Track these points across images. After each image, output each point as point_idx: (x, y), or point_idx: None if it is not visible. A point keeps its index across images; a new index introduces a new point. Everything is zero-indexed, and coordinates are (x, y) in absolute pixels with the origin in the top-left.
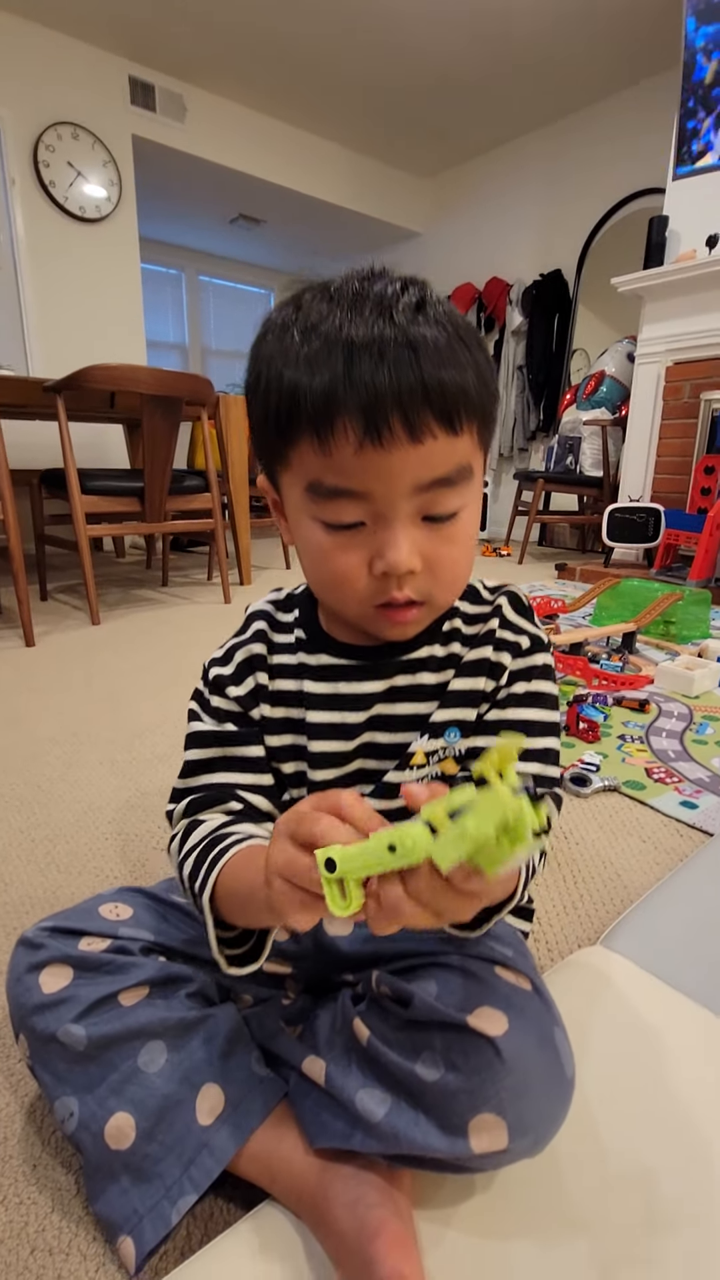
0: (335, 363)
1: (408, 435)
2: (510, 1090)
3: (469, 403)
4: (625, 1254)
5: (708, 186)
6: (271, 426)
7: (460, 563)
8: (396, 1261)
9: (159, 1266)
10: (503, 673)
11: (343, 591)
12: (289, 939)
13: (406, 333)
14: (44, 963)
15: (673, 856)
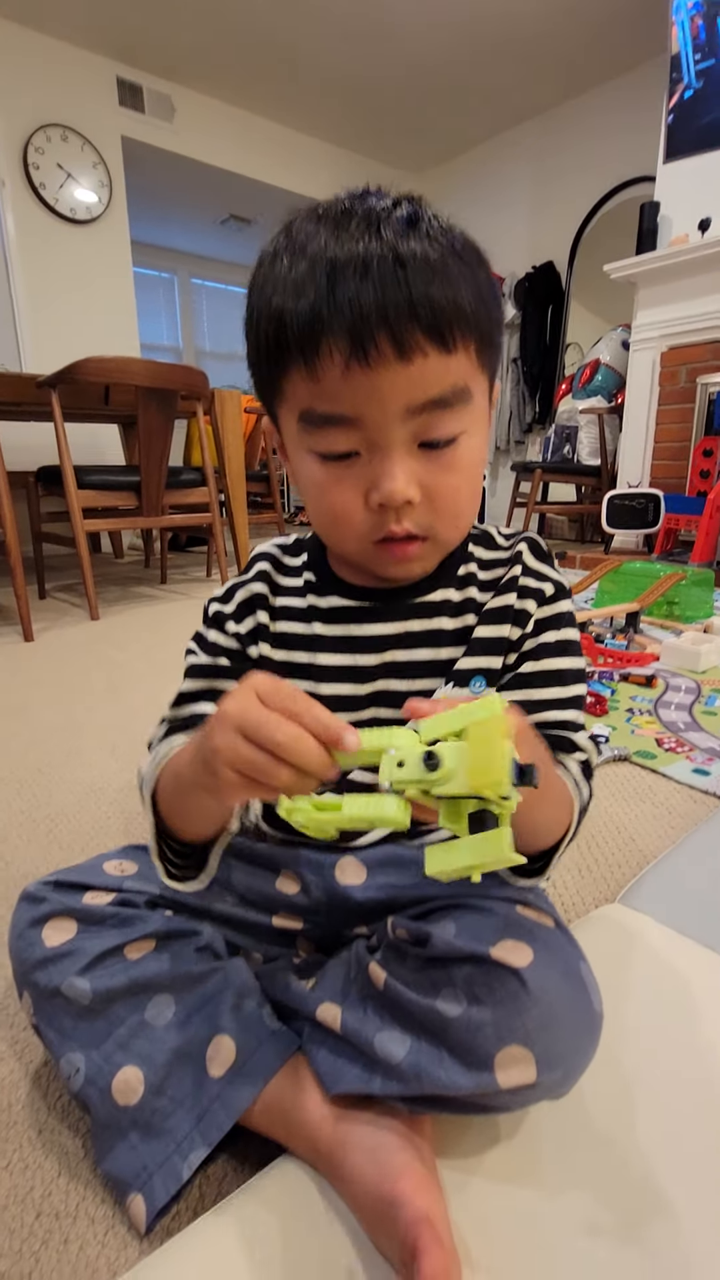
0: (319, 283)
1: (395, 353)
2: (537, 1021)
3: (462, 319)
4: (652, 1202)
5: (699, 170)
6: (264, 357)
7: (462, 492)
8: (423, 1202)
9: (170, 1228)
10: (528, 620)
11: (341, 528)
12: (299, 892)
13: (395, 248)
14: (46, 916)
15: (687, 821)
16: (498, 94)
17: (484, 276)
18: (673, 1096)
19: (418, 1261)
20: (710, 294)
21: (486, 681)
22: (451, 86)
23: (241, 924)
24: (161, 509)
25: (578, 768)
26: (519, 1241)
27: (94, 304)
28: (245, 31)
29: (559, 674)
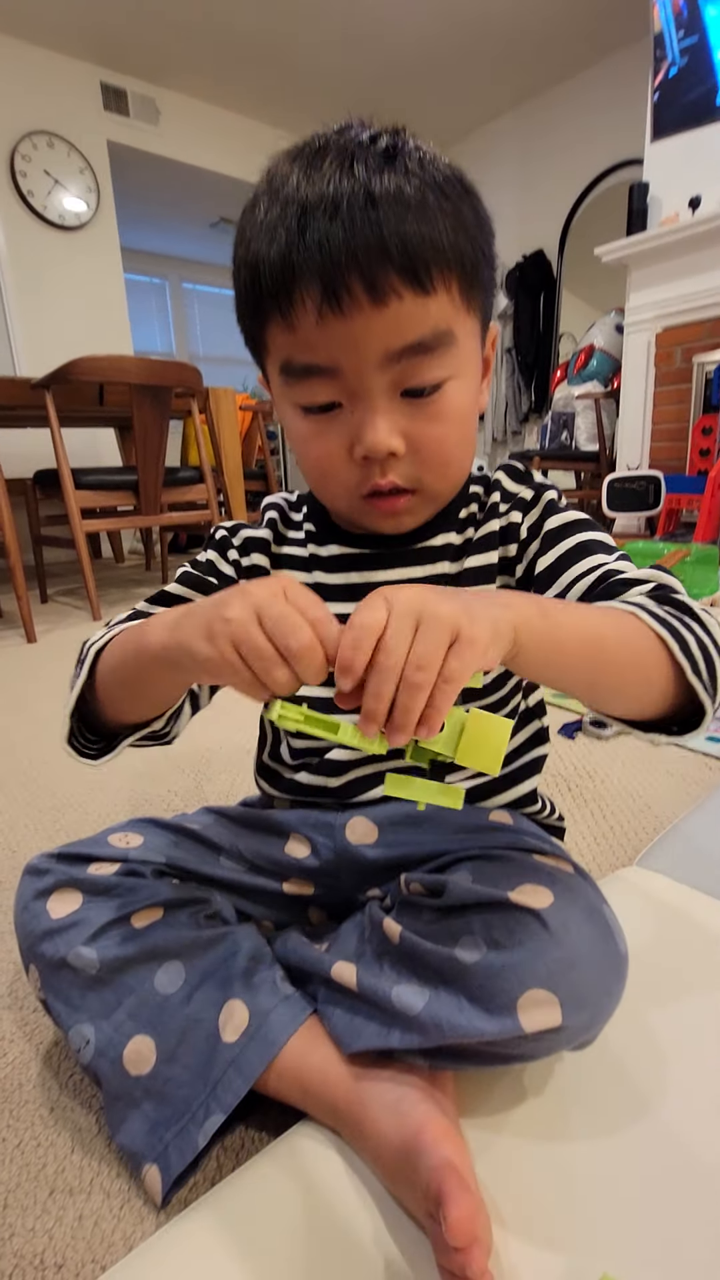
0: (289, 226)
1: (368, 297)
2: (560, 963)
3: (440, 256)
4: (682, 1158)
5: (687, 148)
6: (246, 310)
7: (449, 441)
8: (445, 1151)
9: (188, 1199)
10: (519, 530)
11: (328, 482)
12: (309, 854)
13: (367, 185)
14: (51, 888)
15: (701, 787)
16: (481, 86)
17: (469, 209)
18: (699, 1049)
19: (444, 1207)
20: (703, 272)
21: None
22: (434, 80)
23: (251, 891)
24: (160, 507)
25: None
26: (547, 1199)
27: (86, 311)
28: (228, 32)
29: (582, 546)
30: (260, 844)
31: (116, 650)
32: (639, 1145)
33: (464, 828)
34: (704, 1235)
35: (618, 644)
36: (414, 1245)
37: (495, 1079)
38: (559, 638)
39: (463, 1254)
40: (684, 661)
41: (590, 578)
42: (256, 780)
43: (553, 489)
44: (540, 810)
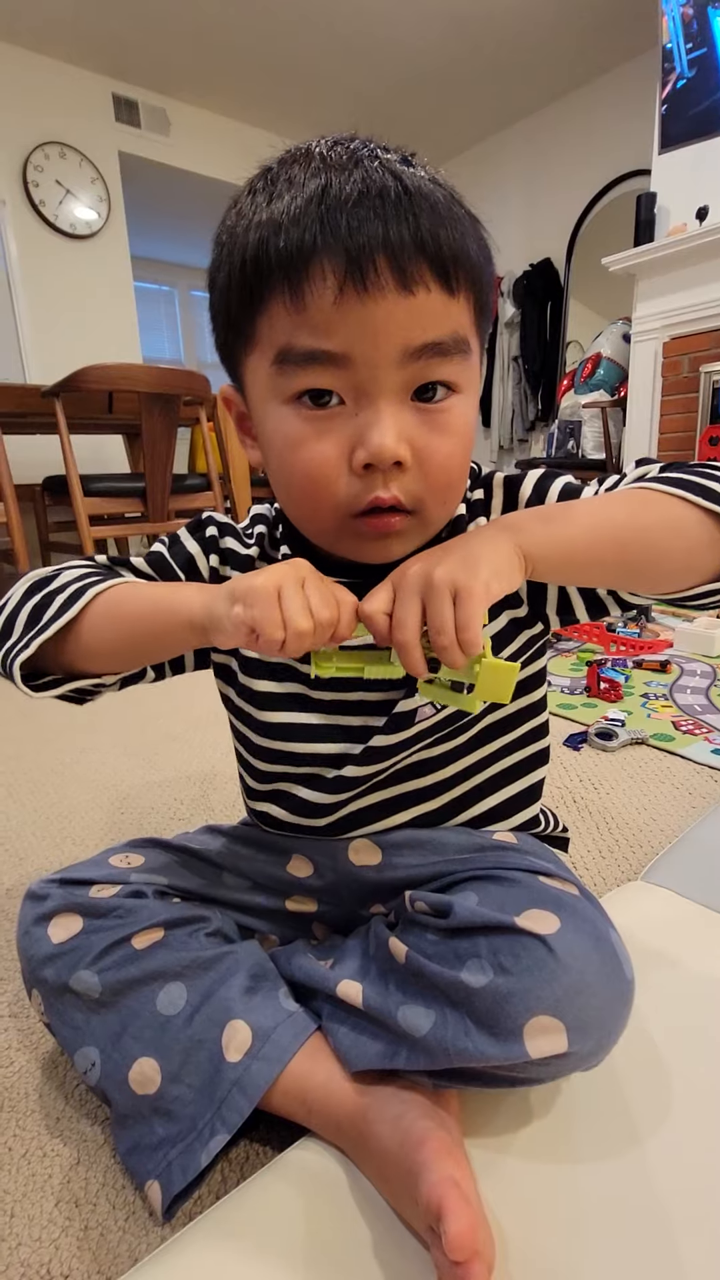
0: (310, 205)
1: (397, 281)
2: (567, 989)
3: (468, 262)
4: (688, 1180)
5: (695, 159)
6: (236, 296)
7: (455, 458)
8: (447, 1168)
9: (192, 1212)
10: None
11: (317, 497)
12: (311, 874)
13: (399, 175)
14: (51, 913)
15: (707, 801)
16: (490, 97)
17: (482, 235)
18: (705, 1068)
19: (444, 1222)
20: (711, 282)
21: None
22: (444, 92)
23: (254, 909)
24: (167, 514)
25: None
26: (551, 1220)
27: (95, 319)
28: (238, 45)
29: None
30: (262, 863)
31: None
32: (645, 1167)
33: (468, 848)
34: (710, 1258)
35: (633, 517)
36: (417, 1261)
37: (501, 1099)
38: (571, 537)
39: (463, 1268)
40: (713, 505)
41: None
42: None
43: (494, 474)
44: (543, 826)
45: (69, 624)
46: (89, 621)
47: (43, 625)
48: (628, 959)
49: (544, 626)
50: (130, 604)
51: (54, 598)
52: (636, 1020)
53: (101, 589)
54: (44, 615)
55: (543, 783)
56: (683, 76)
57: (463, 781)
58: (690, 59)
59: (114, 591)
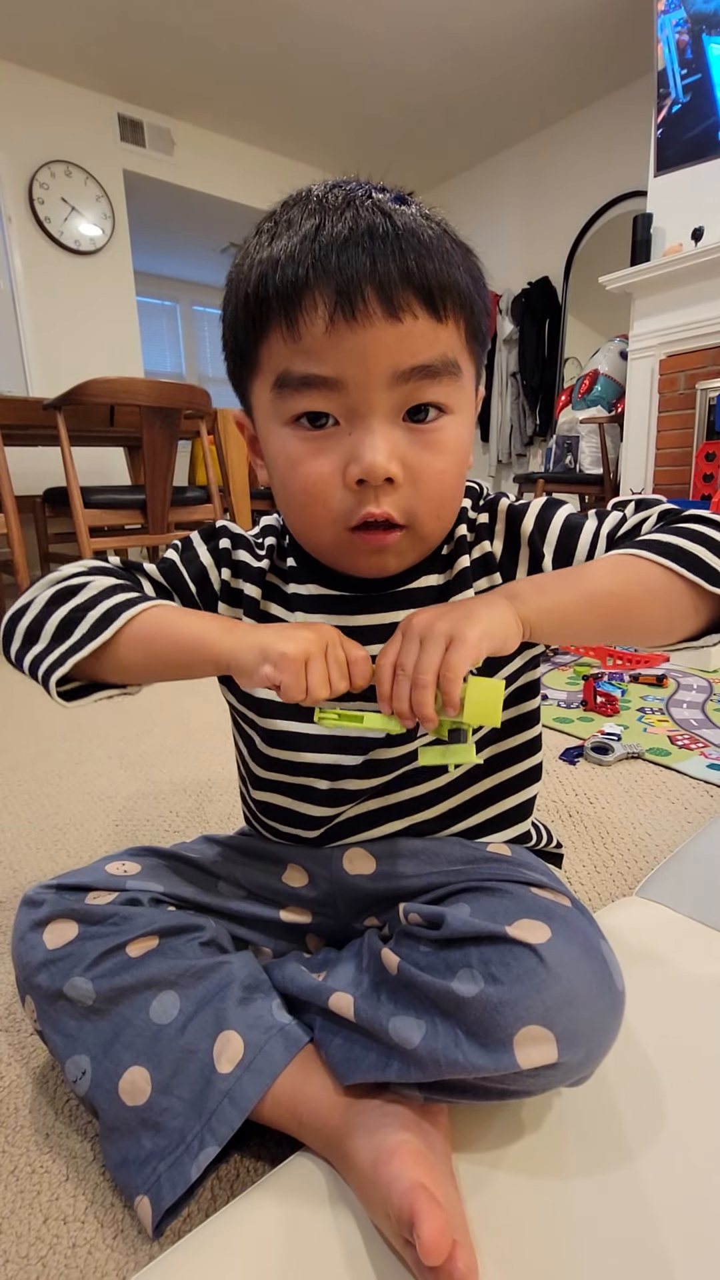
0: (306, 242)
1: (385, 310)
2: (557, 1000)
3: (456, 291)
4: (681, 1196)
5: (690, 181)
6: (242, 326)
7: (447, 476)
8: (415, 1174)
9: (181, 1230)
10: (494, 559)
11: (315, 509)
12: (306, 884)
13: (390, 216)
14: (47, 919)
15: (703, 815)
16: (489, 119)
17: (475, 264)
18: (698, 1083)
19: (416, 1227)
20: (706, 301)
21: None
22: (444, 114)
23: (249, 919)
24: (167, 527)
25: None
26: (542, 1237)
27: (98, 333)
28: (241, 67)
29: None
30: (258, 872)
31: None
32: (637, 1183)
33: (461, 859)
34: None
35: (622, 588)
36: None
37: (492, 1114)
38: (564, 607)
39: (440, 1272)
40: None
41: (599, 551)
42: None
43: (502, 495)
44: (536, 840)
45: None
46: (121, 644)
47: (76, 643)
48: (619, 970)
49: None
50: (162, 635)
51: (85, 614)
52: (629, 1035)
53: (134, 615)
54: (75, 631)
55: (534, 800)
56: (678, 101)
57: (457, 793)
58: (685, 84)
59: (146, 618)
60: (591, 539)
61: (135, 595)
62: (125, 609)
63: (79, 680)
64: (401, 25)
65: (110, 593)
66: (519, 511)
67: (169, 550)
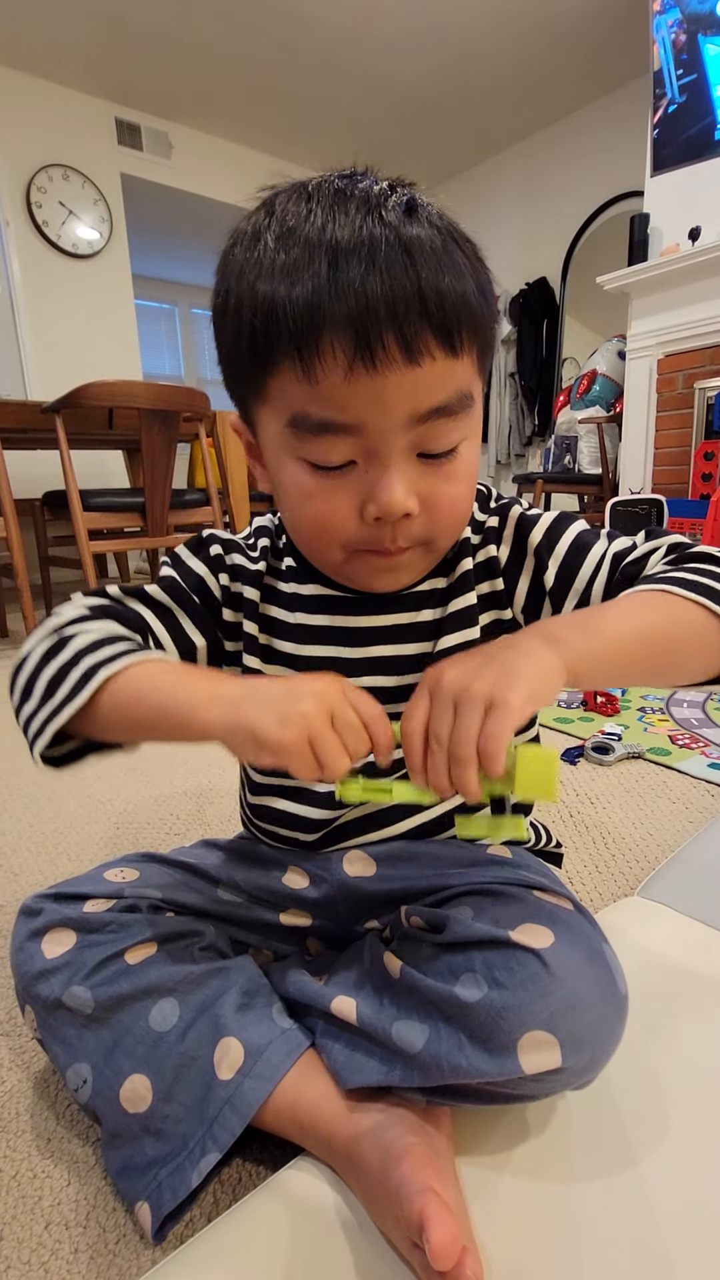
0: (319, 268)
1: (403, 355)
2: (561, 1004)
3: (471, 317)
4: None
5: (687, 181)
6: (246, 352)
7: (462, 500)
8: (425, 1178)
9: (184, 1235)
10: (498, 563)
11: (326, 539)
12: (307, 886)
13: (399, 231)
14: (45, 928)
15: (704, 815)
16: (486, 120)
17: (482, 270)
18: (701, 1085)
19: (426, 1231)
20: (703, 301)
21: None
22: (441, 116)
23: (249, 923)
24: (166, 529)
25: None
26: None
27: (97, 337)
28: (239, 71)
29: (575, 548)
30: (258, 875)
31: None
32: (640, 1186)
33: (462, 861)
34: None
35: (667, 627)
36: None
37: (496, 1117)
38: (612, 649)
39: (449, 1277)
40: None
41: (603, 573)
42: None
43: (516, 502)
44: (535, 840)
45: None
46: (101, 708)
47: (57, 706)
48: (621, 974)
49: None
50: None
51: (68, 672)
52: (631, 1037)
53: (112, 672)
54: (57, 692)
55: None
56: (674, 101)
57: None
58: (681, 84)
59: (125, 679)
60: (598, 561)
61: (117, 650)
62: (103, 667)
63: (75, 738)
64: (398, 27)
65: (94, 647)
66: (530, 521)
67: (163, 568)
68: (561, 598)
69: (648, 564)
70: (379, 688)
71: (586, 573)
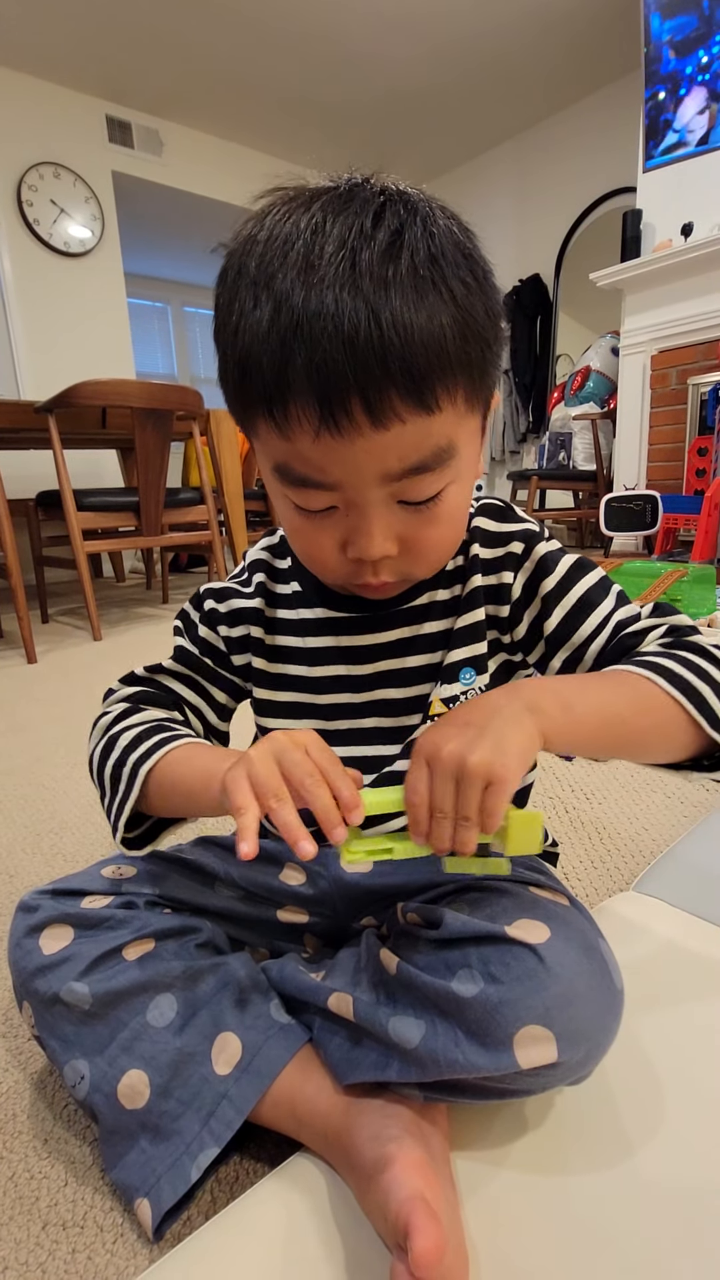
0: (284, 337)
1: (369, 421)
2: (557, 999)
3: (446, 370)
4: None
5: (678, 176)
6: (234, 394)
7: (445, 541)
8: (415, 1184)
9: (181, 1233)
10: (510, 591)
11: (317, 567)
12: (304, 882)
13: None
14: (43, 924)
15: (699, 810)
16: (478, 116)
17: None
18: (698, 1079)
19: (409, 1239)
20: (697, 296)
21: (476, 670)
22: (432, 110)
23: (246, 920)
24: (161, 528)
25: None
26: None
27: (89, 335)
28: (229, 67)
29: (582, 604)
30: (255, 872)
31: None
32: (637, 1180)
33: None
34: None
35: (635, 716)
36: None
37: (492, 1113)
38: (581, 724)
39: None
40: (701, 719)
41: (602, 636)
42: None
43: (541, 538)
44: None
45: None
46: (150, 797)
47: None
48: (617, 969)
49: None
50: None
51: (120, 771)
52: (628, 1031)
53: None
54: (118, 789)
55: (530, 788)
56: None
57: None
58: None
59: (159, 771)
60: (600, 623)
61: (153, 743)
62: (142, 764)
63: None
64: (388, 23)
65: (135, 744)
66: (550, 565)
67: (175, 635)
68: (557, 646)
69: (645, 639)
70: (388, 699)
71: (585, 632)
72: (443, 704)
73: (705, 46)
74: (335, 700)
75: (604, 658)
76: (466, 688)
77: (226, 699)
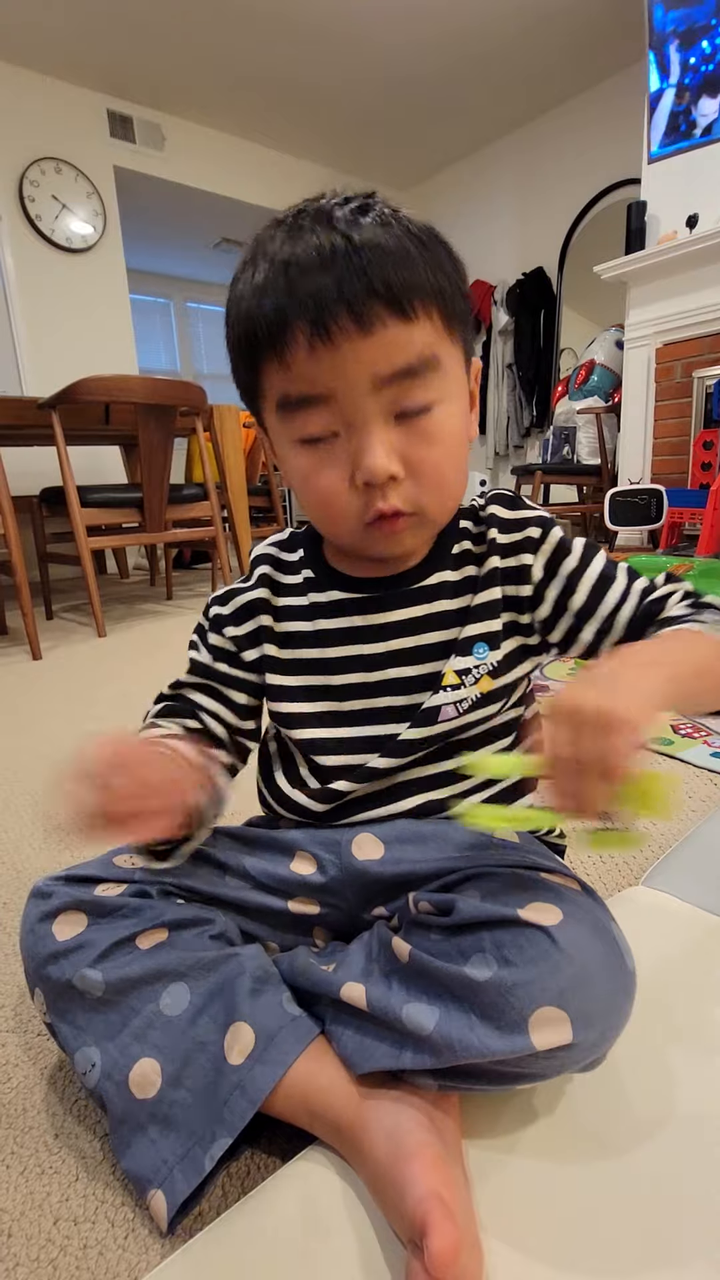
0: (280, 282)
1: (355, 325)
2: (571, 980)
3: (420, 288)
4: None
5: (683, 168)
6: (243, 361)
7: (445, 464)
8: (432, 1182)
9: (193, 1228)
10: (531, 572)
11: (332, 513)
12: (315, 871)
13: (348, 235)
14: (57, 910)
15: (707, 805)
16: (480, 108)
17: (443, 253)
18: (707, 1072)
19: (426, 1238)
20: (702, 288)
21: (489, 646)
22: (435, 103)
23: (257, 911)
24: (164, 524)
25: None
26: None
27: (92, 331)
28: (231, 59)
29: (603, 578)
30: (266, 862)
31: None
32: (647, 1170)
33: (469, 845)
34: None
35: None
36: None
37: (504, 1101)
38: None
39: None
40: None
41: (629, 604)
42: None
43: (554, 524)
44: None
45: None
46: None
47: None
48: (629, 951)
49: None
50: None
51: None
52: (638, 1023)
53: None
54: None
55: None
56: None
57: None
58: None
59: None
60: (623, 593)
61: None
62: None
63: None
64: (391, 14)
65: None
66: (567, 547)
67: (189, 649)
68: (585, 618)
69: (667, 605)
70: (402, 678)
71: (611, 601)
72: (456, 675)
73: (709, 37)
74: (349, 680)
75: (634, 625)
76: (479, 661)
77: (246, 699)
